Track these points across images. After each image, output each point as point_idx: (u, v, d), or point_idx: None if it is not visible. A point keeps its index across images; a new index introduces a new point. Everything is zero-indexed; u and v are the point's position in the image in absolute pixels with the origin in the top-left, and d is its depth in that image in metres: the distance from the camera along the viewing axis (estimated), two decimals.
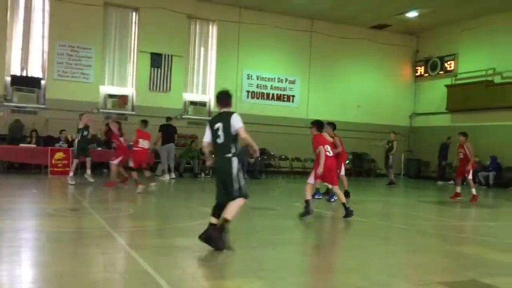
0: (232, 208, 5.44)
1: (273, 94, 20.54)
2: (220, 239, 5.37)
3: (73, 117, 14.76)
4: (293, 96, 20.89)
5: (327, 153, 8.45)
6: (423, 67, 22.80)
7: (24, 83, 16.82)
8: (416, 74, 23.13)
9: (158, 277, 4.39)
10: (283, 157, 19.72)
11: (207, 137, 5.67)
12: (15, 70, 16.86)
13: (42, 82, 17.09)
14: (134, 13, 18.51)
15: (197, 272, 4.74)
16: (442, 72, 21.76)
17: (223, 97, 5.75)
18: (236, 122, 5.50)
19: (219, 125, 5.51)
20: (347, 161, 15.32)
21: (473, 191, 12.24)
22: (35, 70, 17.15)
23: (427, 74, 22.58)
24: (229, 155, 5.50)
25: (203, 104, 19.47)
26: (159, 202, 10.41)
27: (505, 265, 5.59)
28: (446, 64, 21.59)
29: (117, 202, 9.65)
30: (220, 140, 5.47)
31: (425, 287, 4.50)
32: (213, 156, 5.73)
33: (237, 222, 7.92)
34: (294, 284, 4.44)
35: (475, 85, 19.66)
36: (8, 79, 16.61)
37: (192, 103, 19.28)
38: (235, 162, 5.51)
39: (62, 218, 7.46)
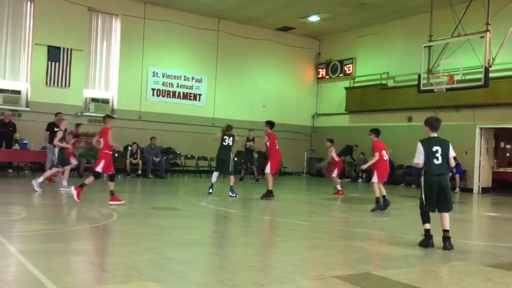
0: (448, 221, 6.56)
1: (179, 93, 20.28)
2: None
3: None
4: (199, 95, 20.78)
5: (384, 157, 10.51)
6: (324, 70, 23.79)
7: None
8: (318, 76, 24.08)
9: (50, 284, 4.11)
10: (189, 156, 19.55)
11: (421, 159, 6.54)
12: None
13: None
14: (29, 3, 17.31)
15: (92, 277, 4.51)
16: (342, 75, 22.85)
17: (438, 124, 6.72)
18: (452, 152, 6.64)
19: (437, 148, 6.51)
20: None
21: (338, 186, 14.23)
22: None
23: (328, 76, 23.59)
24: (448, 174, 6.67)
25: (105, 101, 18.72)
26: (55, 204, 9.82)
27: (395, 257, 5.95)
28: (345, 68, 22.73)
29: (7, 205, 8.93)
30: (438, 161, 6.50)
31: (321, 282, 4.66)
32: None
33: (139, 223, 7.70)
34: (194, 285, 4.38)
35: (370, 88, 20.88)
36: None
37: (94, 99, 18.48)
38: (449, 179, 6.73)
39: None
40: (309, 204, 12.15)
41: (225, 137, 12.53)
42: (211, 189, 12.41)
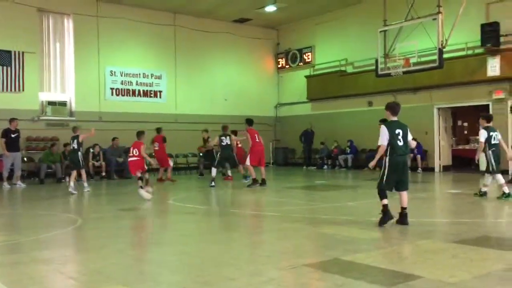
0: (406, 199, 7.02)
1: (139, 91, 19.98)
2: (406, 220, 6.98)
3: None
4: (160, 91, 20.52)
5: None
6: (284, 59, 23.88)
7: None
8: (278, 65, 24.18)
9: None
10: (153, 154, 19.25)
11: (385, 141, 6.87)
12: None
13: None
14: None
15: (59, 286, 4.41)
16: (301, 64, 23.00)
17: (398, 108, 7.08)
18: (410, 135, 7.05)
19: (399, 131, 6.91)
20: None
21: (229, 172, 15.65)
22: None
23: (288, 66, 23.71)
24: (408, 154, 7.19)
25: (63, 103, 18.21)
26: (16, 212, 9.53)
27: (363, 241, 6.07)
28: (304, 56, 22.88)
29: None
30: (401, 143, 6.91)
31: (292, 271, 4.70)
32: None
33: (106, 226, 7.57)
34: (166, 284, 4.35)
35: (330, 75, 21.10)
36: None
37: (50, 103, 17.94)
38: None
39: None
40: (277, 194, 12.24)
41: (222, 138, 13.67)
42: (213, 182, 13.29)
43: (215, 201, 11.40)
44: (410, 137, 7.05)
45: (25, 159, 16.31)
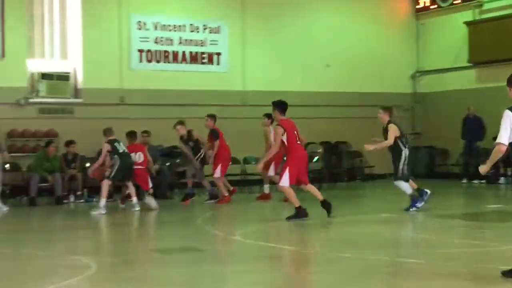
0: None
1: (184, 53, 20.31)
2: None
3: None
4: (218, 54, 20.76)
5: None
6: None
7: None
8: (417, 6, 23.77)
9: None
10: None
11: (506, 138, 7.02)
12: None
13: None
14: None
15: None
16: (458, 2, 22.44)
17: None
18: None
19: None
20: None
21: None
22: None
23: (435, 6, 23.24)
24: None
25: (63, 76, 18.84)
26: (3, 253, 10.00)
27: None
28: None
29: None
30: None
31: None
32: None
33: (134, 277, 7.73)
34: None
35: (511, 20, 20.43)
36: None
37: (45, 75, 18.60)
38: None
39: None
40: (417, 227, 12.00)
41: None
42: (418, 204, 13.37)
43: (309, 238, 11.36)
44: None
45: (7, 166, 16.82)
